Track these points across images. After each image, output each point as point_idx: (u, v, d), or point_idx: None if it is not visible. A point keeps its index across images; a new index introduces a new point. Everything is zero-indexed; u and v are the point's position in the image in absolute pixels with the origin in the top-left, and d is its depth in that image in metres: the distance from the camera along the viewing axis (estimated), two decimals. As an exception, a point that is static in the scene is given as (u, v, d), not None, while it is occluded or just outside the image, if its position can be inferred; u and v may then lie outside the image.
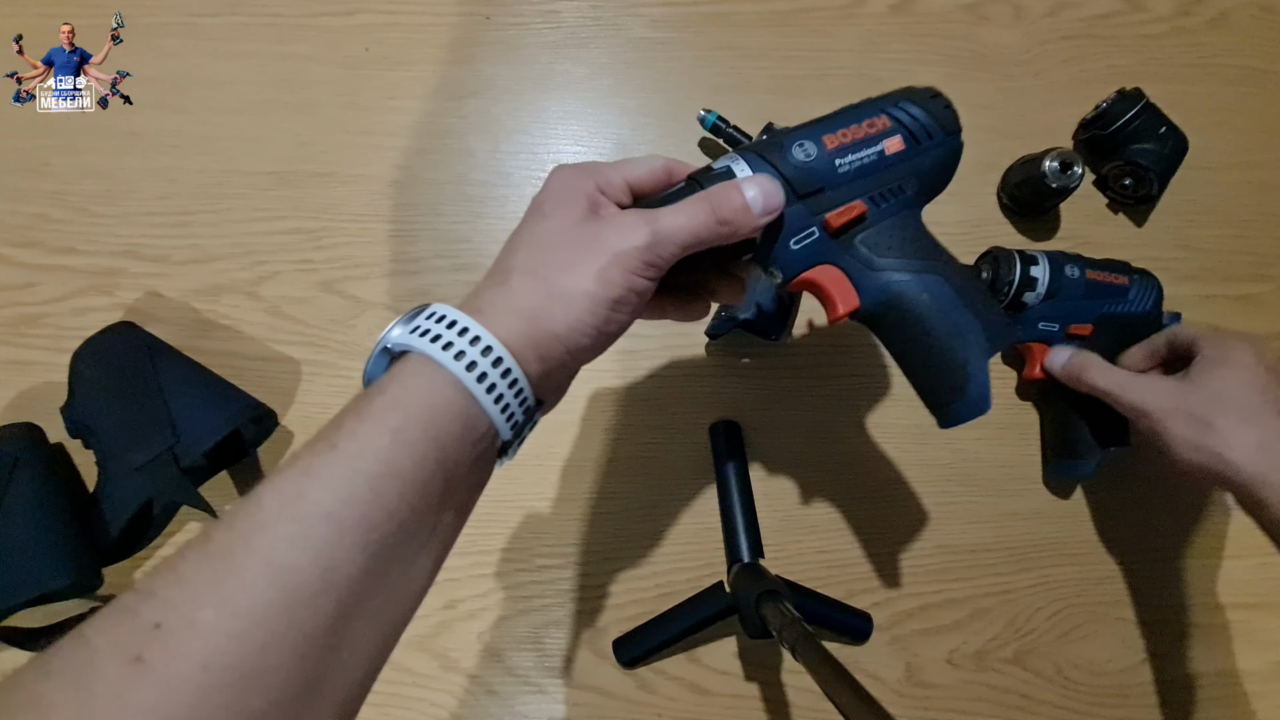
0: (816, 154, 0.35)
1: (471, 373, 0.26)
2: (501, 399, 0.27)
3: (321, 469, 0.24)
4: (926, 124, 0.36)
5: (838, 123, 0.35)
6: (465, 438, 0.26)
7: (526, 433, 0.31)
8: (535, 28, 0.61)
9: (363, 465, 0.24)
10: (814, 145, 0.35)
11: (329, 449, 0.24)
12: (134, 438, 0.48)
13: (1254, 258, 0.60)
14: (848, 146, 0.35)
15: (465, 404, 0.26)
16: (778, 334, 0.54)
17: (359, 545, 0.23)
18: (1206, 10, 0.64)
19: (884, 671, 0.53)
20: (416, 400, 0.26)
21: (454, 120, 0.60)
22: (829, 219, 0.35)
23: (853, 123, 0.35)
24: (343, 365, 0.56)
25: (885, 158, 0.35)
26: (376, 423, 0.25)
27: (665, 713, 0.52)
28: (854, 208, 0.35)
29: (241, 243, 0.57)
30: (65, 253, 0.57)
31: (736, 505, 0.51)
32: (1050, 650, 0.53)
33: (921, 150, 0.36)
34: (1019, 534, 0.55)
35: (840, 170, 0.35)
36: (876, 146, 0.35)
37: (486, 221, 0.58)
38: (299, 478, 0.24)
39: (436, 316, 0.28)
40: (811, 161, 0.34)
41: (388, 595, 0.25)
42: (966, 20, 0.62)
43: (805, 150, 0.34)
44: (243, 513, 0.23)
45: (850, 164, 0.35)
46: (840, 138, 0.35)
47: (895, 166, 0.36)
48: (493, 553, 0.53)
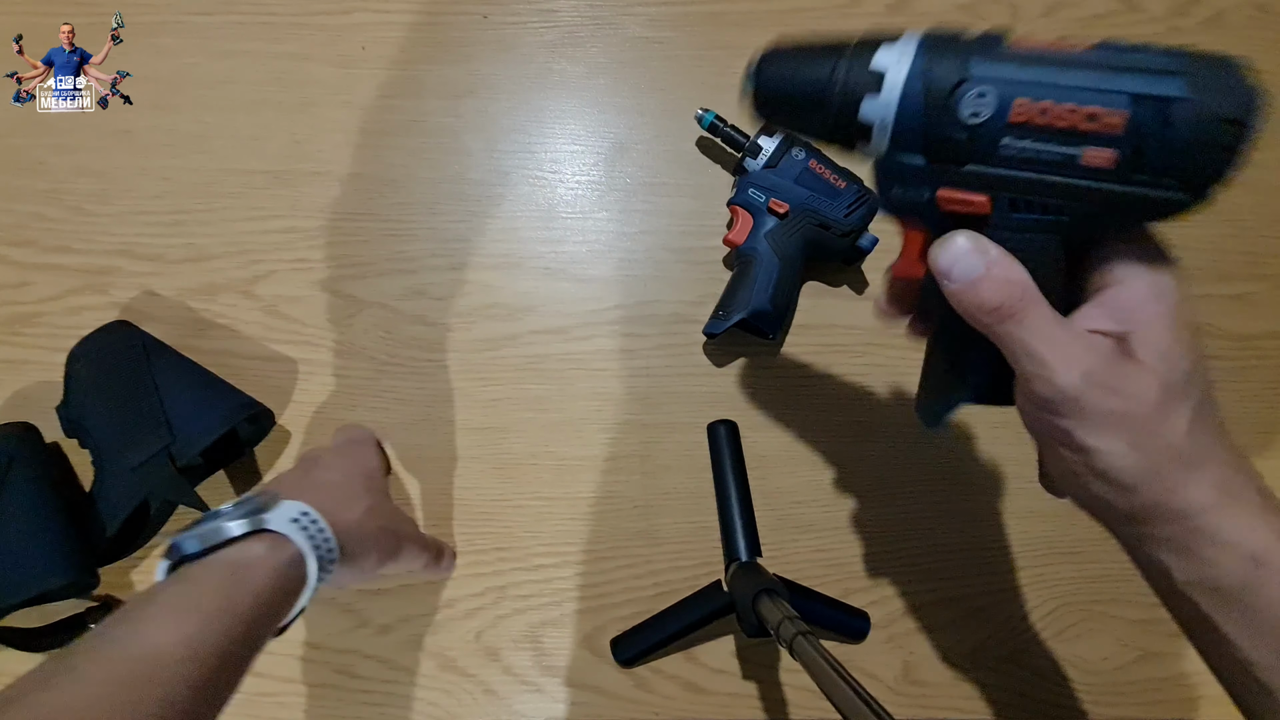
0: (987, 119, 0.25)
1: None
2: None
3: None
4: (1172, 159, 0.24)
5: (1061, 81, 0.25)
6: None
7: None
8: (532, 26, 0.61)
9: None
10: (995, 101, 0.25)
11: None
12: (130, 437, 0.48)
13: (1249, 256, 0.60)
14: (1034, 129, 0.25)
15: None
16: (774, 333, 0.54)
17: None
18: (1202, 10, 0.64)
19: (881, 670, 0.53)
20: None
21: (450, 119, 0.60)
22: (941, 195, 0.27)
23: (1073, 98, 0.24)
24: (339, 364, 0.55)
25: (1077, 167, 0.25)
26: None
27: (663, 711, 0.52)
28: (978, 200, 0.27)
29: (237, 242, 0.57)
30: (60, 251, 0.56)
31: (734, 504, 0.51)
32: (1046, 648, 0.54)
33: (1132, 185, 0.25)
34: (1014, 532, 0.55)
35: (1002, 152, 0.26)
36: (1074, 149, 0.25)
37: (483, 220, 0.58)
38: None
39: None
40: (978, 125, 0.25)
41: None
42: (963, 20, 0.62)
43: (979, 105, 0.25)
44: None
45: (1019, 151, 0.26)
46: (1037, 111, 0.25)
47: (1082, 183, 0.26)
48: (489, 552, 0.53)
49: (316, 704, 0.51)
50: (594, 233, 0.58)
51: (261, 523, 0.35)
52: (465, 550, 0.53)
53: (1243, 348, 0.58)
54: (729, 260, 0.58)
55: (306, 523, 0.36)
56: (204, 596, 0.32)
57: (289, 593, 0.35)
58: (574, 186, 0.59)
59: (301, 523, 0.36)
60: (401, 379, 0.56)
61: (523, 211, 0.58)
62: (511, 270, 0.57)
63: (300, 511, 0.37)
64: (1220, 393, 0.60)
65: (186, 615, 0.31)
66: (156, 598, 0.32)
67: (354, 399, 0.55)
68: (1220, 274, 0.60)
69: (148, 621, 0.30)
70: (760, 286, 0.52)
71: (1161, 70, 0.24)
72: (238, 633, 0.32)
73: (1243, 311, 0.59)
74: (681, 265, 0.58)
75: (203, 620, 0.31)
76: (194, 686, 0.29)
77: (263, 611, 0.33)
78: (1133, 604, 0.54)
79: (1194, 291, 0.28)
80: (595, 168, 0.59)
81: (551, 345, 0.56)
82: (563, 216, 0.58)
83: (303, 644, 0.52)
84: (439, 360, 0.56)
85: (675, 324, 0.57)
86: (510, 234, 0.58)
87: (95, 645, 0.29)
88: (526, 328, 0.57)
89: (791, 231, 0.53)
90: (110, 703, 0.27)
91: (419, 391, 0.55)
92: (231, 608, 0.32)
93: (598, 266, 0.58)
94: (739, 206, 0.54)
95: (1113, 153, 0.24)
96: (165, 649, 0.29)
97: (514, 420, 0.55)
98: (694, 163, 0.59)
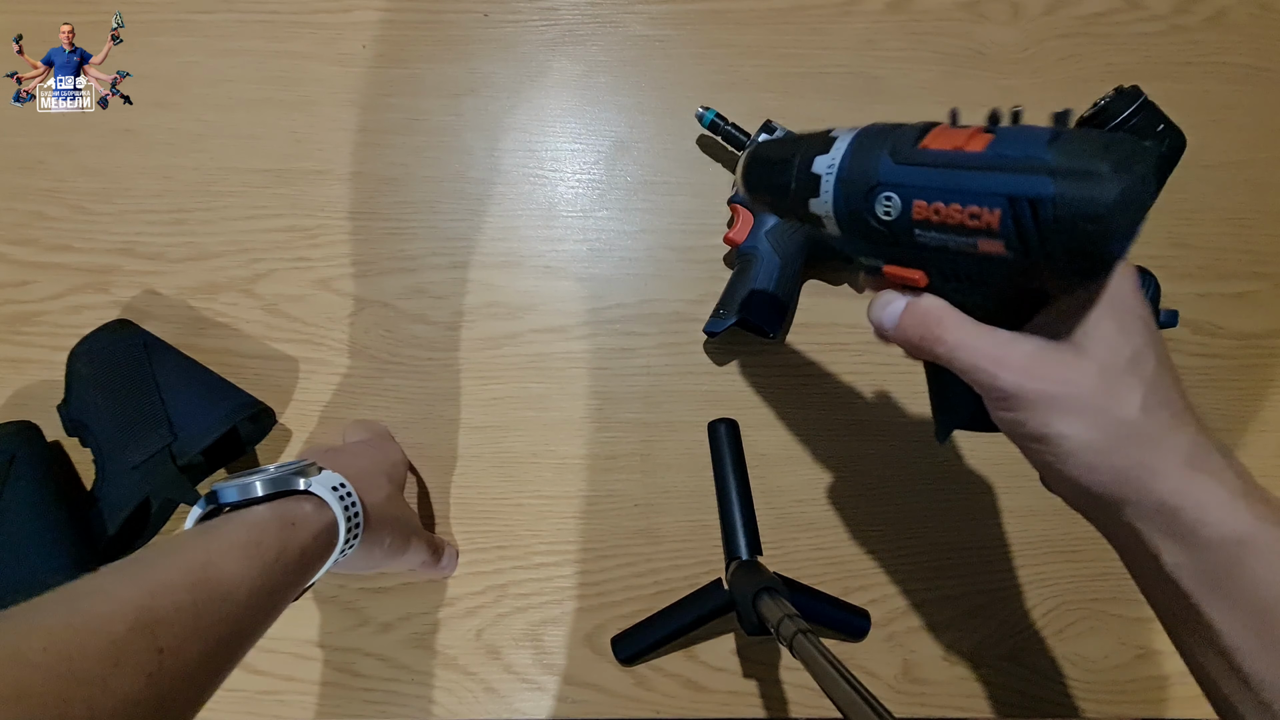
0: (896, 217, 0.29)
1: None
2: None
3: None
4: (1052, 251, 0.26)
5: (949, 185, 0.28)
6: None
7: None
8: (532, 25, 0.61)
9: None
10: (900, 203, 0.29)
11: None
12: (131, 435, 0.48)
13: (1251, 255, 0.60)
14: (934, 225, 0.28)
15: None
16: (775, 331, 0.54)
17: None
18: (1204, 8, 0.64)
19: (881, 668, 0.53)
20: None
21: (451, 118, 0.59)
22: (886, 270, 0.32)
23: (958, 199, 0.27)
24: (340, 363, 0.55)
25: (978, 254, 0.28)
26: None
27: (663, 709, 0.52)
28: (914, 276, 0.31)
29: (238, 240, 0.57)
30: (61, 250, 0.56)
31: (735, 502, 0.51)
32: (1046, 647, 0.54)
33: (1031, 265, 0.27)
34: (1014, 531, 0.55)
35: (918, 240, 0.29)
36: (970, 239, 0.28)
37: (483, 219, 0.58)
38: None
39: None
40: (891, 221, 0.29)
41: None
42: (964, 18, 0.62)
43: (889, 205, 0.29)
44: None
45: (930, 240, 0.29)
46: (931, 211, 0.28)
47: (988, 265, 0.28)
48: (490, 550, 0.54)
49: (318, 702, 0.51)
50: (594, 231, 0.58)
51: (309, 484, 0.36)
52: (466, 548, 0.53)
53: (1244, 346, 0.58)
54: (730, 259, 0.58)
55: (344, 493, 0.37)
56: (264, 543, 0.33)
57: (318, 557, 0.35)
58: (574, 185, 0.59)
59: (339, 492, 0.37)
60: (402, 377, 0.56)
61: (523, 210, 0.58)
62: (512, 269, 0.57)
63: (339, 481, 0.37)
64: (1222, 391, 0.60)
65: (249, 558, 0.32)
66: (224, 534, 0.32)
67: (355, 397, 0.55)
68: (1221, 273, 0.59)
69: (217, 554, 0.31)
70: (761, 285, 0.52)
71: (1036, 169, 0.25)
72: (284, 583, 0.33)
73: (1244, 310, 0.59)
74: (682, 264, 0.58)
75: (263, 565, 0.32)
76: (250, 625, 0.31)
77: (304, 567, 0.34)
78: (1133, 602, 0.54)
79: (1196, 291, 0.28)
80: (596, 166, 0.59)
81: (552, 344, 0.56)
82: (563, 215, 0.58)
83: (304, 642, 0.52)
84: (440, 359, 0.56)
85: (676, 322, 0.57)
86: (511, 232, 0.58)
87: (173, 558, 0.30)
88: (527, 326, 0.57)
89: (792, 230, 0.53)
90: (192, 611, 0.28)
91: (420, 390, 0.55)
92: (283, 558, 0.33)
93: (598, 265, 0.58)
94: (739, 205, 0.54)
95: (1000, 244, 0.27)
96: (231, 581, 0.30)
97: (515, 419, 0.55)
98: (695, 161, 0.59)
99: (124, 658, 0.25)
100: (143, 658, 0.26)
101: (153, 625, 0.27)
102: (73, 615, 0.26)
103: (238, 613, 0.30)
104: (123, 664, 0.25)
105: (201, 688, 0.29)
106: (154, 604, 0.27)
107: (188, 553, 0.31)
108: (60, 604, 0.26)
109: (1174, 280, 0.57)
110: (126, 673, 0.25)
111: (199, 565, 0.30)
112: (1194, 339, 0.58)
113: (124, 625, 0.26)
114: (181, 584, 0.29)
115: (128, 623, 0.26)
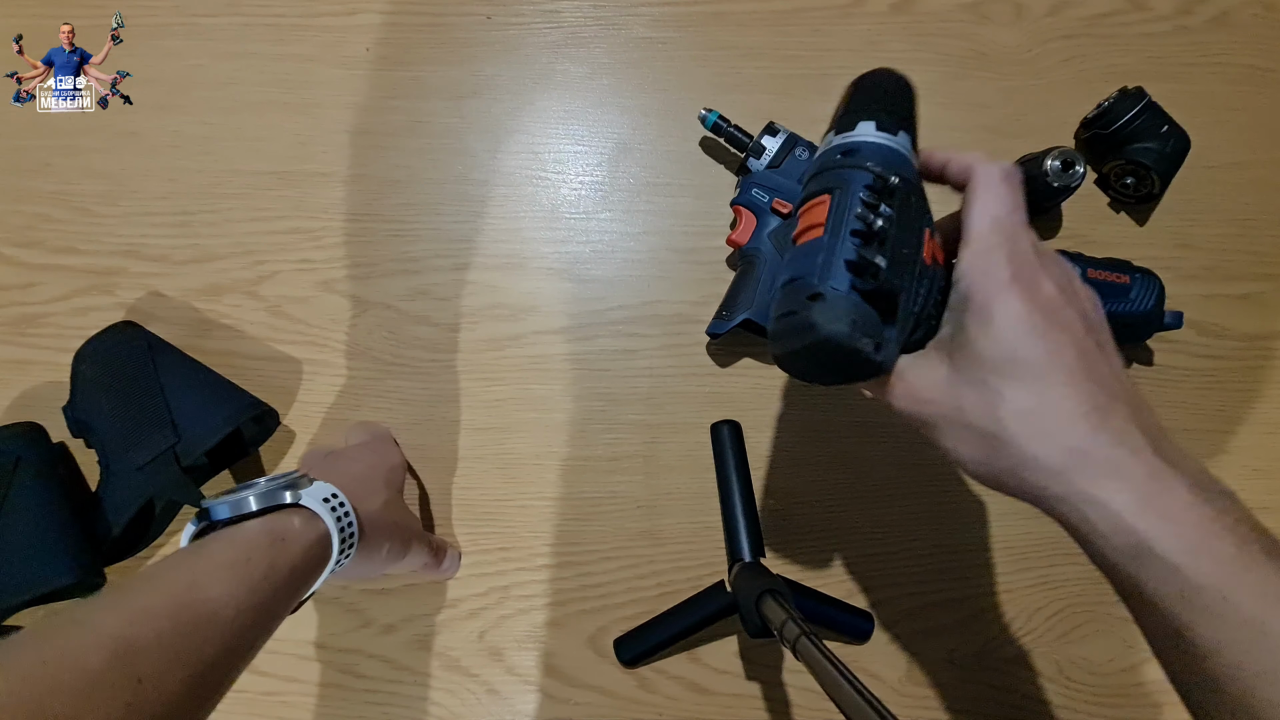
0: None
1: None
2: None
3: None
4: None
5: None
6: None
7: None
8: (536, 27, 0.61)
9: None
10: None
11: None
12: (135, 437, 0.48)
13: (1256, 256, 0.60)
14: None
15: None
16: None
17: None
18: (1208, 9, 0.63)
19: (885, 671, 0.53)
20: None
21: (454, 120, 0.60)
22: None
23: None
24: (343, 365, 0.56)
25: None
26: None
27: (666, 712, 0.52)
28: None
29: (242, 242, 0.57)
30: (66, 252, 0.57)
31: (737, 504, 0.51)
32: (1051, 650, 0.53)
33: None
34: (1018, 533, 0.55)
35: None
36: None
37: (486, 221, 0.58)
38: None
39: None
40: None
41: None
42: (967, 19, 0.62)
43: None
44: None
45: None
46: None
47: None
48: (492, 552, 0.53)
49: (320, 703, 0.51)
50: (597, 233, 0.58)
51: (299, 497, 0.36)
52: (469, 550, 0.53)
53: (1249, 347, 0.58)
54: (732, 260, 0.58)
55: (335, 504, 0.37)
56: (252, 561, 0.32)
57: (312, 570, 0.35)
58: (577, 187, 0.59)
59: (331, 504, 0.37)
60: (405, 379, 0.56)
61: (526, 212, 0.58)
62: (515, 270, 0.57)
63: (331, 493, 0.37)
64: (1228, 393, 0.59)
65: (236, 577, 0.31)
66: (210, 554, 0.32)
67: (358, 399, 0.55)
68: (1226, 274, 0.59)
69: (202, 575, 0.31)
70: (764, 286, 0.52)
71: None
72: (274, 599, 0.33)
73: (1249, 311, 0.59)
74: (685, 265, 0.58)
75: (250, 584, 0.32)
76: (240, 645, 0.31)
77: (296, 582, 0.34)
78: (1138, 605, 0.54)
79: (1201, 292, 0.28)
80: (599, 168, 0.59)
81: (555, 345, 0.56)
82: (566, 217, 0.58)
83: (307, 643, 0.52)
84: (443, 360, 0.56)
85: (679, 324, 0.57)
86: (514, 234, 0.58)
87: (155, 584, 0.30)
88: (530, 328, 0.57)
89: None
90: (173, 639, 0.28)
91: (423, 391, 0.56)
92: (273, 575, 0.33)
93: (601, 267, 0.58)
94: (742, 206, 0.54)
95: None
96: (217, 602, 0.30)
97: (517, 420, 0.55)
98: (697, 163, 0.59)
99: (98, 691, 0.25)
100: (119, 689, 0.25)
101: (131, 655, 0.26)
102: (45, 651, 0.25)
103: (224, 633, 0.30)
104: (96, 697, 0.25)
105: (189, 712, 0.29)
106: (132, 632, 0.27)
107: (171, 575, 0.30)
108: (34, 640, 0.26)
109: (1179, 281, 0.57)
110: (101, 705, 0.25)
111: (183, 587, 0.30)
112: (1199, 340, 0.58)
113: (100, 657, 0.25)
114: (163, 609, 0.29)
115: (104, 654, 0.26)
